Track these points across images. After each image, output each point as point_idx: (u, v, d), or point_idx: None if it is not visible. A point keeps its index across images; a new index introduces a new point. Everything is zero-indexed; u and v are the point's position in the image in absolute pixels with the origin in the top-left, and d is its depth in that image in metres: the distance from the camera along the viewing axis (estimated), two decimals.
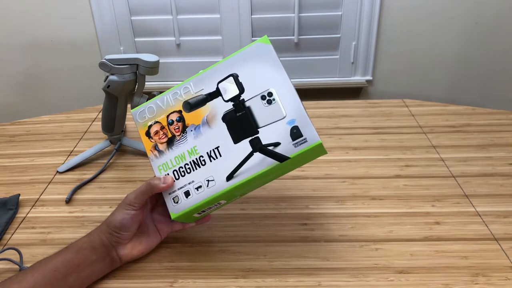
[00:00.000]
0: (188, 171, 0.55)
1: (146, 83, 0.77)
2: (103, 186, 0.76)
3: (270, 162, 0.52)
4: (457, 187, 0.72)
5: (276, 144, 0.52)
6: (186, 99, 0.57)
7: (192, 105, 0.56)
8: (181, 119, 0.57)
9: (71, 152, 0.86)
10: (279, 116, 0.52)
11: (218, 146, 0.54)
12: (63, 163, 0.81)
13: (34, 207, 0.71)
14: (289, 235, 0.63)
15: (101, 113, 0.83)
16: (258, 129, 0.53)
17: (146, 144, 0.58)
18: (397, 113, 0.96)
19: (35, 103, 1.55)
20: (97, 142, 0.85)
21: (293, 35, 1.39)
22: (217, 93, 0.56)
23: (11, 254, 0.60)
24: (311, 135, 0.51)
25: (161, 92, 0.61)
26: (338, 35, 1.40)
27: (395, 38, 1.40)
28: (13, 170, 0.81)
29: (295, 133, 0.51)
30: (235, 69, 0.55)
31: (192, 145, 0.55)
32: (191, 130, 0.56)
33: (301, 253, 0.59)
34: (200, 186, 0.54)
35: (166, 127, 0.57)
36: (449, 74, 1.46)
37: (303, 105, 0.52)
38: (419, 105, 0.99)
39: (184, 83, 0.58)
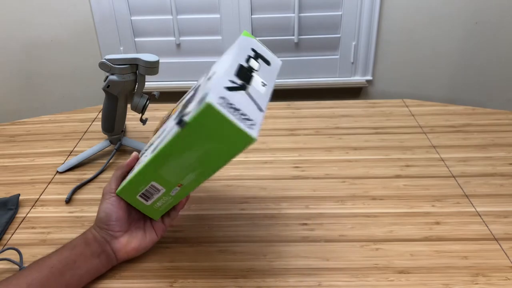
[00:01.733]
0: (144, 152, 0.59)
1: (146, 83, 0.77)
2: (103, 186, 0.75)
3: (175, 130, 0.47)
4: (457, 187, 0.71)
5: (187, 113, 0.46)
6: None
7: (181, 101, 0.62)
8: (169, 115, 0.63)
9: (71, 152, 0.86)
10: (205, 91, 0.46)
11: (165, 129, 0.55)
12: (63, 163, 0.81)
13: (34, 207, 0.71)
14: (289, 235, 0.63)
15: (101, 113, 0.83)
16: (190, 104, 0.50)
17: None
18: (397, 113, 0.96)
19: (35, 103, 1.55)
20: (97, 142, 0.85)
21: (293, 35, 1.39)
22: (196, 87, 0.59)
23: (11, 254, 0.60)
24: (210, 97, 0.42)
25: (161, 93, 0.63)
26: (338, 35, 1.40)
27: (395, 38, 1.40)
28: (13, 170, 0.81)
29: (202, 98, 0.44)
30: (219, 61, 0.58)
31: (160, 132, 0.58)
32: (166, 121, 0.60)
33: (301, 253, 0.59)
34: (139, 164, 0.56)
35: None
36: (449, 74, 1.46)
37: (229, 80, 0.46)
38: (419, 105, 0.99)
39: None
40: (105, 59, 0.74)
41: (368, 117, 0.94)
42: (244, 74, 0.50)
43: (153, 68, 0.74)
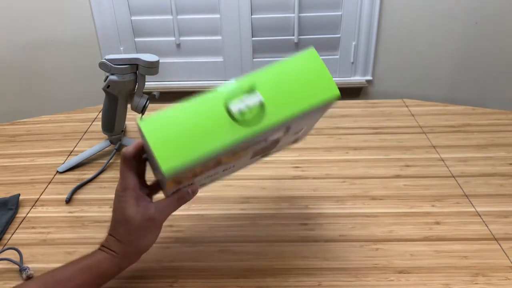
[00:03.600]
0: None
1: (146, 83, 0.77)
2: (103, 186, 0.76)
3: None
4: (457, 187, 0.71)
5: None
6: None
7: None
8: None
9: (71, 152, 0.86)
10: None
11: None
12: (63, 163, 0.81)
13: (34, 207, 0.71)
14: (289, 235, 0.63)
15: (101, 113, 0.83)
16: None
17: None
18: (397, 113, 0.96)
19: (35, 103, 1.55)
20: (97, 142, 0.85)
21: (293, 35, 1.39)
22: None
23: (11, 254, 0.60)
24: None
25: (161, 93, 0.59)
26: (338, 35, 1.40)
27: (395, 38, 1.40)
28: (13, 170, 0.81)
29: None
30: None
31: None
32: None
33: (301, 253, 0.59)
34: None
35: None
36: (449, 74, 1.46)
37: None
38: (419, 105, 0.99)
39: None
40: (105, 59, 0.74)
41: (368, 117, 0.94)
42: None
43: (153, 68, 0.74)
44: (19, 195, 0.72)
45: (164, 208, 0.50)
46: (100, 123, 0.84)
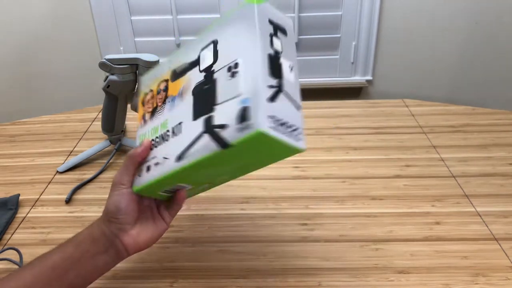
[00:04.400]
0: (156, 145, 0.50)
1: None
2: (103, 186, 0.76)
3: (212, 147, 0.42)
4: (457, 187, 0.71)
5: (223, 126, 0.42)
6: (174, 68, 0.51)
7: (176, 74, 0.51)
8: (166, 88, 0.52)
9: (71, 152, 0.86)
10: (235, 93, 0.41)
11: (181, 122, 0.47)
12: (63, 163, 0.81)
13: (34, 207, 0.71)
14: (289, 235, 0.63)
15: (101, 113, 0.83)
16: (215, 106, 0.43)
17: (139, 114, 0.55)
18: (397, 113, 0.96)
19: (35, 103, 1.55)
20: (97, 142, 0.85)
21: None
22: (197, 62, 0.48)
23: (11, 254, 0.60)
24: (257, 121, 0.38)
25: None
26: (338, 35, 1.40)
27: (395, 38, 1.40)
28: (13, 170, 0.81)
29: (243, 115, 0.40)
30: (220, 33, 0.47)
31: (165, 118, 0.50)
32: (169, 102, 0.51)
33: (301, 253, 0.59)
34: (158, 163, 0.49)
35: (155, 96, 0.53)
36: (449, 74, 1.46)
37: (268, 85, 0.41)
38: (419, 105, 0.99)
39: (179, 49, 0.53)
40: (105, 59, 0.74)
41: (368, 117, 0.94)
42: (275, 67, 0.43)
43: (153, 68, 0.74)
44: (19, 195, 0.72)
45: (120, 168, 0.53)
46: (100, 123, 0.84)
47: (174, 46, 1.43)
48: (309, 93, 1.47)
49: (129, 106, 0.80)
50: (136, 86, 0.77)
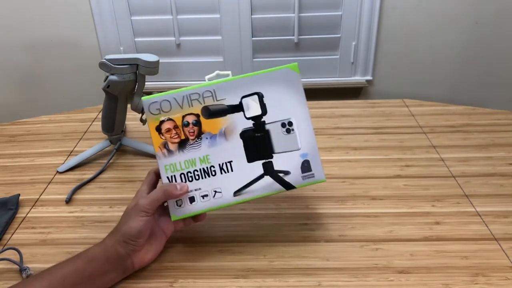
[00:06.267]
0: (197, 177, 0.56)
1: (146, 83, 0.77)
2: (103, 186, 0.76)
3: (277, 187, 0.56)
4: (457, 187, 0.72)
5: (287, 173, 0.56)
6: (206, 105, 0.56)
7: (212, 113, 0.56)
8: (197, 123, 0.56)
9: (71, 152, 0.86)
10: (295, 147, 0.56)
11: (231, 161, 0.56)
12: (63, 163, 0.81)
13: (34, 207, 0.71)
14: (289, 235, 0.63)
15: (101, 113, 0.83)
16: (273, 154, 0.56)
17: (155, 140, 0.56)
18: (397, 113, 0.96)
19: (35, 103, 1.55)
20: (97, 142, 0.85)
21: (293, 35, 1.39)
22: (239, 108, 0.56)
23: (11, 254, 0.60)
24: (318, 172, 0.57)
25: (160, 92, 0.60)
26: (338, 35, 1.40)
27: (395, 38, 1.40)
28: (13, 170, 0.81)
29: (306, 166, 0.56)
30: (260, 87, 0.56)
31: (205, 153, 0.56)
32: (207, 138, 0.56)
33: (301, 253, 0.59)
34: (207, 195, 0.56)
35: (180, 128, 0.56)
36: (449, 74, 1.46)
37: (315, 142, 0.57)
38: (419, 105, 0.99)
39: (205, 86, 0.56)
40: (105, 59, 0.74)
41: (368, 117, 0.94)
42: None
43: (153, 68, 0.74)
44: (19, 195, 0.72)
45: (150, 195, 0.55)
46: (100, 123, 0.84)
47: (174, 46, 1.43)
48: (309, 93, 1.46)
49: (129, 106, 0.80)
50: (136, 86, 0.77)
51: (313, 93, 1.46)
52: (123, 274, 0.55)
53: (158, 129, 0.56)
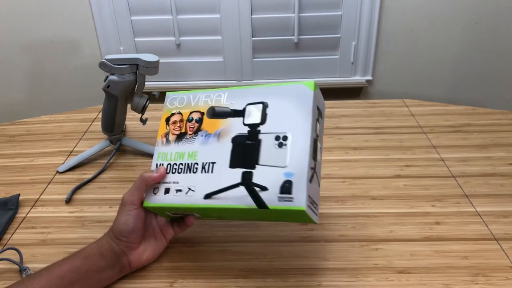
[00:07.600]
0: (179, 171, 0.55)
1: (146, 83, 0.77)
2: (103, 186, 0.76)
3: (249, 202, 0.49)
4: (457, 187, 0.72)
5: (264, 188, 0.49)
6: (213, 105, 0.57)
7: (215, 113, 0.56)
8: (200, 120, 0.57)
9: (71, 152, 0.86)
10: (281, 163, 0.50)
11: (215, 162, 0.53)
12: (63, 163, 0.81)
13: (34, 207, 0.71)
14: (289, 235, 0.63)
15: (101, 113, 0.83)
16: (256, 165, 0.51)
17: (161, 129, 0.59)
18: (397, 113, 0.96)
19: (35, 103, 1.56)
20: (97, 142, 0.85)
21: (293, 35, 1.40)
22: (241, 113, 0.55)
23: (11, 254, 0.60)
24: (299, 198, 0.47)
25: (161, 93, 0.61)
26: (338, 35, 1.40)
27: (395, 38, 1.40)
28: (13, 170, 0.81)
29: (286, 187, 0.48)
30: (269, 98, 0.54)
31: (195, 149, 0.56)
32: (202, 136, 0.56)
33: (301, 253, 0.59)
34: (180, 190, 0.54)
35: (184, 122, 0.58)
36: (449, 74, 1.46)
37: (310, 167, 0.49)
38: (419, 105, 0.99)
39: (220, 90, 0.58)
40: (105, 59, 0.74)
41: (368, 117, 0.94)
42: (315, 150, 0.51)
43: (153, 68, 0.74)
44: (19, 195, 0.72)
45: (131, 187, 0.55)
46: (100, 123, 0.84)
47: (174, 46, 1.43)
48: None
49: (129, 106, 0.80)
50: (136, 86, 0.77)
51: None
52: (119, 272, 0.55)
53: (167, 120, 0.59)
